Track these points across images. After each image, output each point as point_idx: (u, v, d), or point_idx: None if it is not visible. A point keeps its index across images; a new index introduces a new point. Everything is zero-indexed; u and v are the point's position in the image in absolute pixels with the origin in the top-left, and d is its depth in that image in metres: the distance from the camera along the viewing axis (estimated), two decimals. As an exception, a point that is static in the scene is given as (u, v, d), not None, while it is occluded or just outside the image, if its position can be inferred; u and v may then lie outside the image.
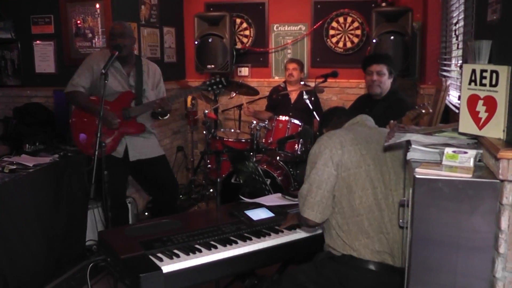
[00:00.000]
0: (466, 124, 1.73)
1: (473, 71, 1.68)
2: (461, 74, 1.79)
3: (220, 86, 3.49)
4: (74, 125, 3.55)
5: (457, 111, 2.97)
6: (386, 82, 3.30)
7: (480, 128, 1.69)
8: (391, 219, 2.11)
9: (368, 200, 2.10)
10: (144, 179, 3.82)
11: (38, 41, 4.75)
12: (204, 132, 5.05)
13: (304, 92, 4.45)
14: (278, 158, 4.40)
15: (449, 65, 4.09)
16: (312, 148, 2.20)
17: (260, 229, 2.42)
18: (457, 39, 3.78)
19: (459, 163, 1.62)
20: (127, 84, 3.53)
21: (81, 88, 3.49)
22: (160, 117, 3.67)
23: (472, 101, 1.70)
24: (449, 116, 3.79)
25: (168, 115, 3.66)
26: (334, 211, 2.15)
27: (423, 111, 2.61)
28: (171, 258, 2.08)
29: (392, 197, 2.12)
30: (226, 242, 2.26)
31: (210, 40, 5.34)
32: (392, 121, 2.74)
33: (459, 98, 2.77)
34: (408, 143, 1.81)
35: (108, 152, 3.39)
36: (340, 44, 5.52)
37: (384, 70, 3.28)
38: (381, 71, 3.28)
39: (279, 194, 2.95)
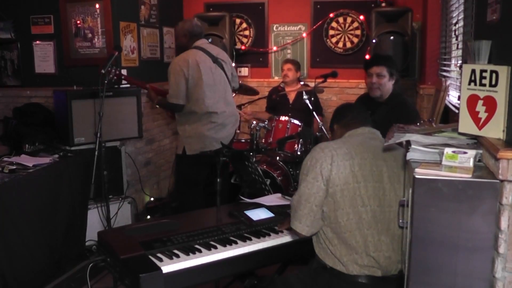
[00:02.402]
0: (466, 124, 1.73)
1: (473, 71, 1.69)
2: (460, 74, 1.78)
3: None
4: None
5: (456, 111, 2.96)
6: (387, 84, 3.26)
7: (480, 128, 1.69)
8: (382, 238, 2.05)
9: (355, 217, 2.04)
10: None
11: (37, 41, 4.74)
12: (204, 132, 5.05)
13: (304, 92, 4.45)
14: (277, 158, 4.40)
15: (449, 65, 4.10)
16: (305, 158, 2.16)
17: (260, 229, 2.42)
18: (456, 39, 3.78)
19: (458, 163, 1.62)
20: None
21: None
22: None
23: (472, 101, 1.70)
24: (449, 116, 3.79)
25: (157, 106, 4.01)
26: (324, 224, 2.11)
27: (427, 126, 2.58)
28: (171, 258, 2.08)
29: (389, 214, 2.07)
30: (226, 242, 2.26)
31: (209, 40, 5.32)
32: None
33: (458, 98, 2.77)
34: (408, 143, 1.81)
35: None
36: (340, 44, 5.52)
37: (384, 72, 3.24)
38: (381, 73, 3.24)
39: (279, 194, 2.95)
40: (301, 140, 4.46)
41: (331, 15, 5.47)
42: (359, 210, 2.05)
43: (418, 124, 2.50)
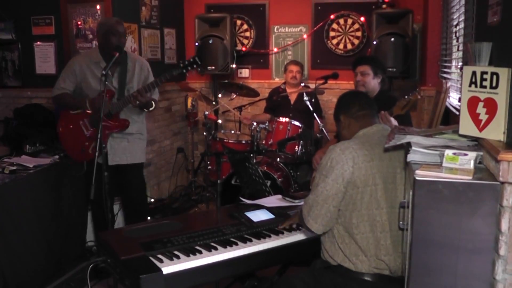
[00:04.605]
0: (467, 126, 1.73)
1: (474, 73, 1.69)
2: (461, 76, 1.79)
3: (194, 66, 3.37)
4: (62, 134, 3.49)
5: (457, 113, 2.97)
6: (371, 82, 3.38)
7: (481, 130, 1.69)
8: (394, 241, 2.07)
9: (369, 220, 2.06)
10: (118, 184, 3.61)
11: (38, 42, 4.75)
12: (205, 133, 5.06)
13: (305, 94, 4.45)
14: (278, 159, 4.40)
15: (450, 67, 4.10)
16: (324, 157, 2.14)
17: (260, 231, 2.42)
18: (457, 41, 3.78)
19: (459, 165, 1.62)
20: (110, 84, 3.41)
21: (67, 91, 3.52)
22: (145, 109, 3.54)
23: (473, 103, 1.70)
24: (450, 118, 3.79)
25: (154, 105, 3.49)
26: (337, 222, 2.12)
27: (412, 98, 2.63)
28: (171, 259, 2.08)
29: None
30: (226, 243, 2.26)
31: (210, 42, 5.34)
32: (382, 112, 2.75)
33: (459, 100, 2.77)
34: (408, 145, 1.81)
35: (92, 156, 3.19)
36: (341, 46, 5.53)
37: (368, 71, 3.36)
38: (365, 71, 3.37)
39: (279, 196, 2.95)
40: (301, 141, 4.46)
41: (332, 16, 5.48)
42: (373, 213, 2.06)
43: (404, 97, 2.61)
